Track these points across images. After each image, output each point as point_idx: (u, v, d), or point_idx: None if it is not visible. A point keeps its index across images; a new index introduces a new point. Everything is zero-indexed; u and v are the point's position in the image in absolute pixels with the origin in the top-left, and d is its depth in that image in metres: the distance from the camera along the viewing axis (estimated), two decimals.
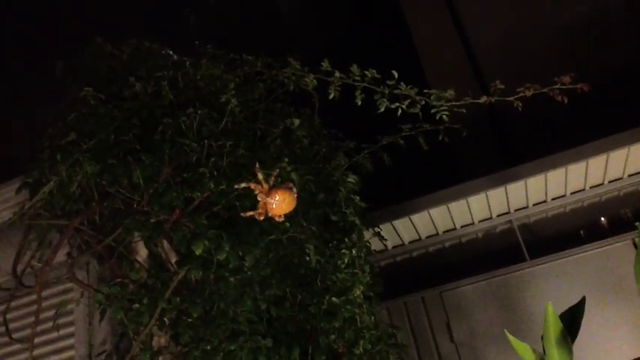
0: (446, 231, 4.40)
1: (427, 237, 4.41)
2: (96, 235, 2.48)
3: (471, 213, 4.19)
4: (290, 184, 2.07)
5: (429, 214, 4.11)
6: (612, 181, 4.10)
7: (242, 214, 2.06)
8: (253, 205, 2.24)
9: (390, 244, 4.38)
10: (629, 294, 3.59)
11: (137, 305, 2.27)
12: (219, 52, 2.91)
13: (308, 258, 2.44)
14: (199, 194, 2.29)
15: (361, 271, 2.61)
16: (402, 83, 2.64)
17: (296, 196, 2.04)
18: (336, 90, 2.72)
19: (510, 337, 2.48)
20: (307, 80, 2.79)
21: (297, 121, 2.72)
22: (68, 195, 2.42)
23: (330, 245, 2.64)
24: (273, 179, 2.03)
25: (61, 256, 2.48)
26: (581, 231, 4.20)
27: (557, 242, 4.06)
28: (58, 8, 5.68)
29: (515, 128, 5.09)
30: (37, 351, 2.62)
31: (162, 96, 2.51)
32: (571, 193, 4.17)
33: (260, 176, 2.00)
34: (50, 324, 2.56)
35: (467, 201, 4.01)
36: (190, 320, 2.28)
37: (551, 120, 4.13)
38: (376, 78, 2.66)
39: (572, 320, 2.48)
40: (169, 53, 2.84)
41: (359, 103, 2.67)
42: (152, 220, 2.29)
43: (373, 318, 2.65)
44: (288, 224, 2.36)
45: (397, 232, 4.24)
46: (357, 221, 2.73)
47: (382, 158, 3.00)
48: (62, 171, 2.36)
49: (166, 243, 2.53)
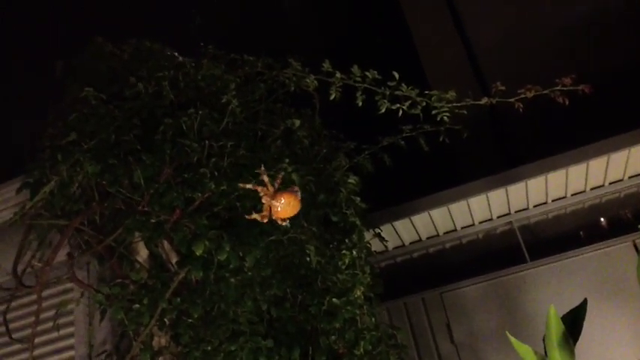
0: (446, 232, 4.39)
1: (427, 238, 4.41)
2: (96, 235, 2.48)
3: (472, 214, 4.18)
4: (295, 188, 2.05)
5: (430, 215, 4.11)
6: (613, 183, 4.10)
7: (247, 217, 2.05)
8: (254, 206, 2.25)
9: (391, 245, 4.37)
10: (629, 295, 3.59)
11: (137, 305, 2.27)
12: (220, 53, 2.90)
13: (308, 259, 2.43)
14: (200, 194, 2.29)
15: (362, 272, 2.60)
16: (403, 84, 2.64)
17: (300, 200, 2.03)
18: (337, 91, 2.71)
19: (512, 339, 2.47)
20: (308, 81, 2.79)
21: (297, 122, 2.72)
22: (69, 195, 2.41)
23: (331, 246, 2.64)
24: (278, 182, 2.02)
25: (62, 256, 2.47)
26: (581, 232, 4.20)
27: (557, 243, 4.05)
28: (58, 8, 5.67)
29: (515, 129, 5.09)
30: (38, 351, 2.61)
31: (163, 96, 2.51)
32: (571, 195, 4.16)
33: (266, 179, 2.00)
34: (50, 324, 2.55)
35: (467, 202, 4.01)
36: (191, 321, 2.28)
37: (551, 121, 4.13)
38: (377, 79, 2.65)
39: (573, 322, 2.48)
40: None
41: (360, 104, 2.67)
42: (153, 221, 2.29)
43: (374, 319, 2.65)
44: (288, 225, 2.35)
45: (397, 233, 4.24)
46: (358, 222, 2.72)
47: (383, 159, 3.00)
48: (63, 171, 2.36)
49: (167, 243, 2.52)
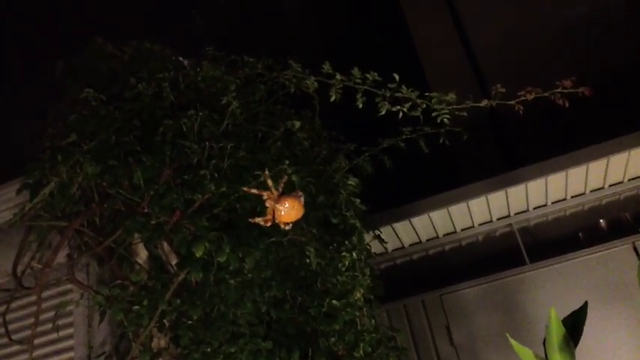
0: (446, 234, 4.39)
1: (427, 240, 4.40)
2: (96, 237, 2.48)
3: (472, 216, 4.18)
4: (299, 193, 2.05)
5: (430, 217, 4.10)
6: (612, 185, 4.10)
7: (250, 220, 2.05)
8: (254, 208, 2.25)
9: (391, 247, 4.37)
10: (629, 298, 3.59)
11: (137, 307, 2.27)
12: (220, 54, 2.90)
13: (308, 260, 2.43)
14: (200, 196, 2.28)
15: (361, 274, 2.60)
16: (403, 86, 2.64)
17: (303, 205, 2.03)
18: (337, 92, 2.71)
19: (512, 342, 2.47)
20: (308, 82, 2.78)
21: (297, 124, 2.72)
22: (68, 196, 2.41)
23: (331, 248, 2.63)
24: (282, 186, 2.02)
25: (61, 258, 2.47)
26: (581, 235, 4.20)
27: (557, 246, 4.05)
28: (58, 8, 5.67)
29: (515, 131, 5.08)
30: (37, 352, 2.61)
31: (163, 97, 2.50)
32: (571, 197, 4.16)
33: (269, 182, 1.99)
34: (50, 325, 2.55)
35: (467, 204, 4.00)
36: (190, 322, 2.28)
37: (551, 123, 4.12)
38: (377, 80, 2.65)
39: (574, 325, 2.48)
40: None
41: (360, 106, 2.67)
42: (152, 222, 2.28)
43: (373, 321, 2.65)
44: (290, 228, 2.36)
45: (397, 235, 4.23)
46: (358, 224, 2.72)
47: (383, 161, 2.99)
48: (63, 172, 2.35)
49: (167, 245, 2.52)
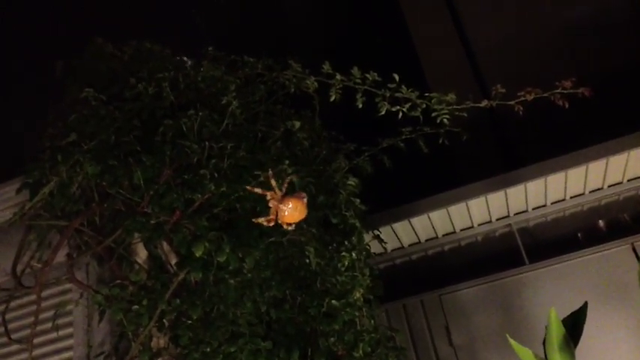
0: (445, 234, 4.39)
1: (427, 240, 4.40)
2: (96, 236, 2.48)
3: (471, 216, 4.18)
4: (303, 194, 2.05)
5: (429, 218, 4.10)
6: (612, 186, 4.10)
7: (253, 220, 2.05)
8: (254, 208, 2.25)
9: (390, 247, 4.37)
10: (628, 298, 3.59)
11: (137, 306, 2.27)
12: (220, 54, 2.90)
13: (308, 260, 2.43)
14: (200, 196, 2.29)
15: (361, 274, 2.60)
16: (403, 86, 2.64)
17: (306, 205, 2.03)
18: (337, 92, 2.71)
19: (512, 342, 2.47)
20: (308, 82, 2.78)
21: (297, 124, 2.72)
22: (68, 196, 2.41)
23: (330, 248, 2.63)
24: (285, 186, 2.02)
25: (61, 257, 2.47)
26: (580, 235, 4.20)
27: (556, 246, 4.05)
28: (58, 8, 5.67)
29: (515, 132, 5.08)
30: (36, 351, 2.61)
31: (163, 97, 2.51)
32: (571, 198, 4.16)
33: (273, 183, 1.99)
34: (49, 325, 2.55)
35: (467, 204, 4.00)
36: (190, 322, 2.28)
37: (551, 124, 4.13)
38: (377, 80, 2.65)
39: (574, 325, 2.48)
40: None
41: (360, 106, 2.67)
42: (152, 222, 2.29)
43: (373, 321, 2.65)
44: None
45: (397, 235, 4.23)
46: (357, 224, 2.72)
47: (382, 161, 3.00)
48: (63, 172, 2.36)
49: (166, 244, 2.52)
